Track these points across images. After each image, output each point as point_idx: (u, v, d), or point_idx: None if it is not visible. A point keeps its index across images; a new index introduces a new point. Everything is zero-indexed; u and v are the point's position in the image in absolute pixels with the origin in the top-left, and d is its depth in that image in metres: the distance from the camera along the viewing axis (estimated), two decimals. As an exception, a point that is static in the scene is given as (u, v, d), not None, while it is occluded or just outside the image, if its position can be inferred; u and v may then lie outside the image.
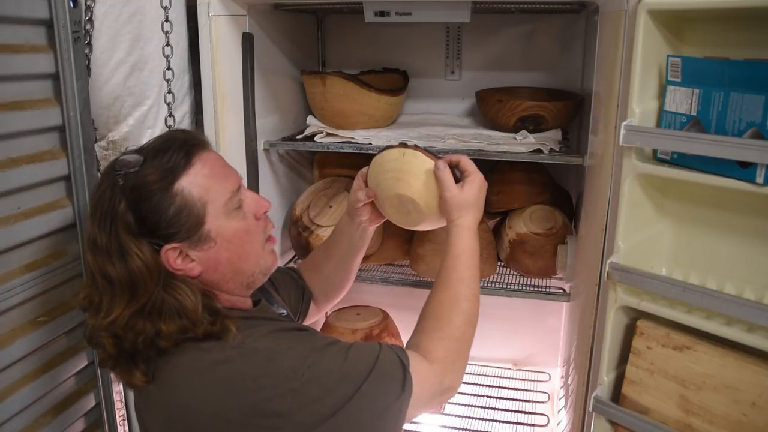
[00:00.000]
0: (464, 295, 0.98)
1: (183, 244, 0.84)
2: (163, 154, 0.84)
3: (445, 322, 0.95)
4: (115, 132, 1.21)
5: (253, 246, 0.92)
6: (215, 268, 0.88)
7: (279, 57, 1.57)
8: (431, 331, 0.95)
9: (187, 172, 0.84)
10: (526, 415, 1.75)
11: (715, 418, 0.89)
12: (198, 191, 0.84)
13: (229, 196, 0.88)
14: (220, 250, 0.87)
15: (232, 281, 0.90)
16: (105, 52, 1.15)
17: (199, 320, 0.82)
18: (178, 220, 0.83)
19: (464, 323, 0.96)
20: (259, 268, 0.93)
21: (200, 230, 0.85)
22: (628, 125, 0.89)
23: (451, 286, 0.98)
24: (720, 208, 0.94)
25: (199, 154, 0.87)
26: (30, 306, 1.05)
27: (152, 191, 0.82)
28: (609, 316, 0.98)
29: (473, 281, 1.00)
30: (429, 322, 0.96)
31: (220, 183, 0.87)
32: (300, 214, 1.56)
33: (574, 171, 1.64)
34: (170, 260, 0.83)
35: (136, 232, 0.81)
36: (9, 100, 0.98)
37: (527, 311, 1.87)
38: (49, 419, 1.10)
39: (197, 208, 0.84)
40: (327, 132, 1.50)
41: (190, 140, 0.88)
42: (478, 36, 1.71)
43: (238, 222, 0.89)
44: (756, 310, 0.80)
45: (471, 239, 1.01)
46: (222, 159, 0.92)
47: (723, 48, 0.89)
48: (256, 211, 0.93)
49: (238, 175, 0.93)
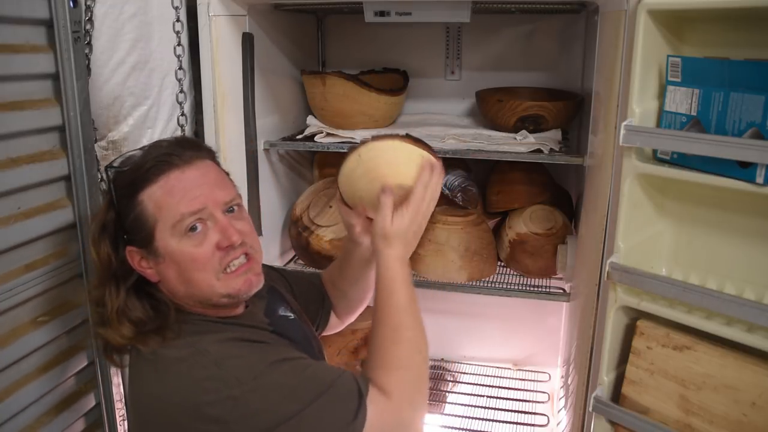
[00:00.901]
0: (405, 324, 0.92)
1: (141, 251, 0.89)
2: (141, 164, 0.89)
3: (393, 355, 0.90)
4: (115, 132, 1.21)
5: (201, 275, 0.88)
6: (167, 281, 0.91)
7: (279, 57, 1.57)
8: (380, 367, 0.90)
9: (149, 186, 0.88)
10: (526, 415, 1.75)
11: (715, 418, 0.89)
12: (152, 207, 0.88)
13: (178, 219, 0.87)
14: (168, 268, 0.89)
15: (187, 298, 0.91)
16: (105, 52, 1.15)
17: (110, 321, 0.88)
18: (134, 228, 0.88)
19: (412, 352, 0.91)
20: (218, 294, 0.90)
21: (152, 243, 0.88)
22: (628, 125, 0.89)
23: (391, 317, 0.93)
24: (720, 208, 0.94)
25: (168, 173, 0.88)
26: (30, 306, 1.05)
27: (122, 195, 0.89)
28: (609, 316, 0.98)
29: (412, 308, 0.94)
30: (376, 357, 0.91)
31: (174, 204, 0.87)
32: (300, 214, 1.56)
33: (574, 171, 1.64)
34: (133, 260, 0.90)
35: (109, 226, 0.90)
36: (9, 100, 0.98)
37: (527, 311, 1.87)
38: (50, 419, 1.10)
39: (149, 222, 0.88)
40: (327, 132, 1.50)
41: (164, 157, 0.89)
42: (478, 36, 1.71)
43: (186, 246, 0.88)
44: (756, 310, 0.80)
45: (401, 268, 0.95)
46: (204, 178, 0.90)
47: (723, 48, 0.89)
48: (219, 241, 0.89)
49: (218, 198, 0.90)
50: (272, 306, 1.04)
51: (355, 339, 1.67)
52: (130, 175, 0.89)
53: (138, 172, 0.88)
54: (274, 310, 1.04)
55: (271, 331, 0.96)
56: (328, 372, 0.88)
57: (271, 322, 0.99)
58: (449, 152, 1.38)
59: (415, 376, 0.91)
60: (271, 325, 0.98)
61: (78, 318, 1.14)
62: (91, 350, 1.18)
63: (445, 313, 1.94)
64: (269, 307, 1.03)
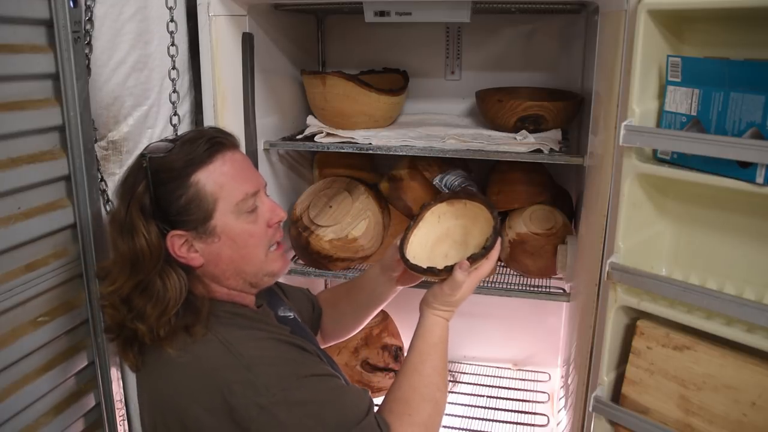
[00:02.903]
0: (436, 384, 0.96)
1: (189, 234, 0.87)
2: (190, 145, 0.88)
3: (417, 410, 0.93)
4: (115, 132, 1.21)
5: (256, 251, 0.92)
6: (216, 262, 0.90)
7: (279, 57, 1.57)
8: (403, 416, 0.92)
9: (207, 166, 0.87)
10: (526, 415, 1.75)
11: (715, 418, 0.89)
12: (212, 186, 0.87)
13: (242, 197, 0.89)
14: (223, 247, 0.89)
15: (233, 278, 0.92)
16: (105, 52, 1.15)
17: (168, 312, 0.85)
18: (187, 210, 0.86)
19: (435, 413, 0.95)
20: (263, 271, 0.94)
21: (207, 224, 0.87)
22: (628, 125, 0.89)
23: (426, 373, 0.97)
24: (720, 208, 0.94)
25: (223, 152, 0.89)
26: (30, 306, 1.05)
27: (170, 177, 0.86)
28: (609, 316, 0.98)
29: (444, 373, 0.99)
30: (401, 405, 0.93)
31: (236, 183, 0.89)
32: (300, 214, 1.56)
33: (574, 171, 1.64)
34: (174, 246, 0.87)
35: (148, 214, 0.85)
36: (9, 100, 0.98)
37: (527, 311, 1.87)
38: (50, 419, 1.10)
39: (208, 202, 0.87)
40: (327, 132, 1.50)
41: (217, 137, 0.90)
42: (478, 36, 1.71)
43: (245, 224, 0.90)
44: (756, 310, 0.80)
45: (446, 332, 1.02)
46: (247, 161, 0.94)
47: (723, 48, 0.89)
48: (270, 218, 0.94)
49: (261, 180, 0.95)
50: (273, 307, 1.04)
51: (355, 339, 1.67)
52: (182, 156, 0.87)
53: (192, 154, 0.87)
54: (276, 311, 1.04)
55: (290, 331, 0.97)
56: (358, 402, 0.87)
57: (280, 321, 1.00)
58: (449, 152, 1.38)
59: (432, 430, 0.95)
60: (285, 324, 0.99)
61: (78, 318, 1.15)
62: (91, 350, 1.18)
63: (445, 313, 1.94)
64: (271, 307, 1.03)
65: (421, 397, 0.94)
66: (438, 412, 0.96)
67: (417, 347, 0.99)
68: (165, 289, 0.85)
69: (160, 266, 0.86)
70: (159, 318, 0.84)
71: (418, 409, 0.93)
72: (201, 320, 0.86)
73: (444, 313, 1.02)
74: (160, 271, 0.86)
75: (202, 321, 0.86)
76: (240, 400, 0.79)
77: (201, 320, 0.86)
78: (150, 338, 0.85)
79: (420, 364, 0.97)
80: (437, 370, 0.97)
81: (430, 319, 1.01)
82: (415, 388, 0.95)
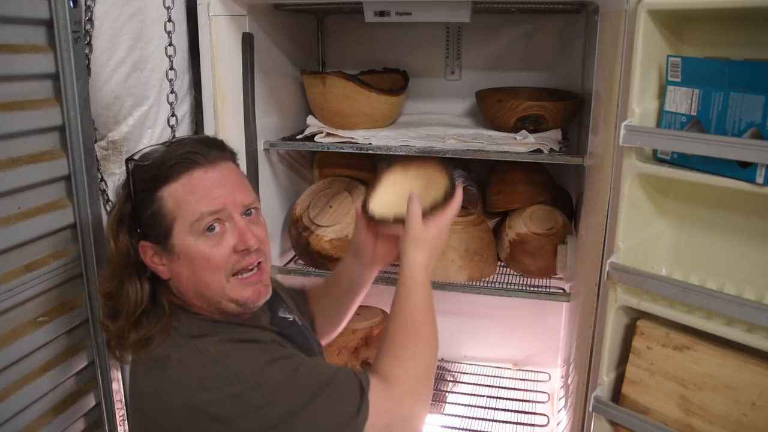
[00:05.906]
0: (420, 320, 0.95)
1: (156, 246, 0.89)
2: (164, 160, 0.88)
3: (403, 346, 0.93)
4: (115, 132, 1.21)
5: (215, 276, 0.88)
6: (178, 280, 0.90)
7: (279, 57, 1.57)
8: (389, 355, 0.92)
9: (171, 183, 0.87)
10: (526, 415, 1.75)
11: (715, 418, 0.89)
12: (171, 204, 0.87)
13: (197, 217, 0.86)
14: (182, 267, 0.88)
15: (196, 299, 0.90)
16: (105, 52, 1.15)
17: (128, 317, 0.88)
18: (151, 224, 0.88)
19: (422, 346, 0.94)
20: (226, 297, 0.89)
21: (167, 241, 0.88)
22: (628, 125, 0.89)
23: (407, 313, 0.95)
24: (720, 208, 0.94)
25: (191, 171, 0.87)
26: (30, 306, 1.05)
27: (142, 189, 0.88)
28: (609, 316, 0.98)
29: (429, 309, 0.97)
30: (387, 347, 0.94)
31: (194, 202, 0.86)
32: (300, 214, 1.56)
33: (574, 171, 1.64)
34: (146, 255, 0.89)
35: (125, 220, 0.89)
36: (9, 100, 0.98)
37: (527, 311, 1.87)
38: (50, 419, 1.10)
39: (167, 219, 0.87)
40: (327, 132, 1.50)
41: (193, 153, 0.88)
42: (478, 36, 1.71)
43: (204, 247, 0.87)
44: (756, 310, 0.80)
45: (424, 275, 0.98)
46: (226, 179, 0.90)
47: (723, 48, 0.89)
48: (236, 244, 0.88)
49: (237, 201, 0.89)
50: (273, 308, 1.04)
51: (355, 339, 1.67)
52: (152, 170, 0.87)
53: (161, 168, 0.87)
54: (275, 312, 1.04)
55: (276, 332, 0.96)
56: (327, 367, 0.88)
57: (273, 323, 1.00)
58: (449, 152, 1.38)
59: (422, 369, 0.93)
60: (275, 326, 0.99)
61: (78, 318, 1.14)
62: (91, 350, 1.18)
63: (445, 313, 1.93)
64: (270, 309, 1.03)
65: (404, 334, 0.94)
66: (426, 345, 0.94)
67: (396, 294, 0.98)
68: (126, 295, 0.89)
69: (129, 271, 0.89)
70: (126, 320, 0.88)
71: (403, 346, 0.93)
72: (161, 329, 0.88)
73: (416, 253, 0.97)
74: (129, 276, 0.89)
75: (163, 329, 0.88)
76: (213, 395, 0.79)
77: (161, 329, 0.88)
78: (115, 341, 0.89)
79: (399, 307, 0.96)
80: (417, 308, 0.96)
81: (404, 265, 0.98)
82: (397, 328, 0.95)
